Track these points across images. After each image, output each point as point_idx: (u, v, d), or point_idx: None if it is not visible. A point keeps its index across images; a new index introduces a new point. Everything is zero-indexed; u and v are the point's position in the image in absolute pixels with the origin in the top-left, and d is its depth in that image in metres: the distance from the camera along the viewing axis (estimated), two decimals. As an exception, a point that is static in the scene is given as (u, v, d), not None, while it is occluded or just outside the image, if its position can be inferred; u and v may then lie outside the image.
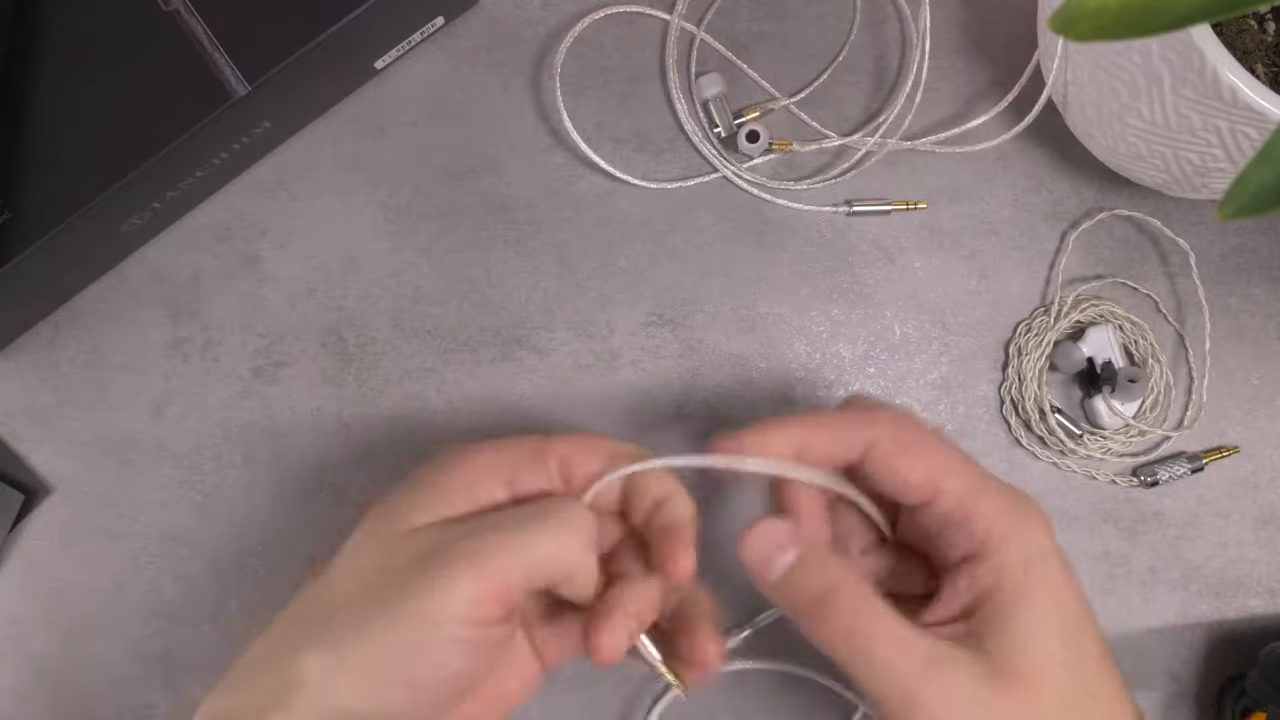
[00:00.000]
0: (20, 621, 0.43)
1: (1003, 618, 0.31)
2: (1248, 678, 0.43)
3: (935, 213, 0.46)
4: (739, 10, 0.47)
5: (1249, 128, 0.35)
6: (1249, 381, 0.46)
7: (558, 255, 0.45)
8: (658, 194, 0.45)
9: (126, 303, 0.44)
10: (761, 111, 0.46)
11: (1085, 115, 0.42)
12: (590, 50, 0.46)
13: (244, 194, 0.45)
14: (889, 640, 0.31)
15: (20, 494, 0.43)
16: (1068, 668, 0.31)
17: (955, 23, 0.47)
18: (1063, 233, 0.46)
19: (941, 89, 0.47)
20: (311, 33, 0.38)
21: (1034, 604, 0.31)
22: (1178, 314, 0.47)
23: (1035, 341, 0.45)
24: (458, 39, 0.46)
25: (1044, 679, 0.31)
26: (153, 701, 0.43)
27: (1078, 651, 0.31)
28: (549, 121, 0.46)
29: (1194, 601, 0.45)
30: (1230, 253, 0.47)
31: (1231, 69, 0.34)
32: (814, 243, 0.46)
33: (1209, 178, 0.39)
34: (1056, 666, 0.31)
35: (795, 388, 0.45)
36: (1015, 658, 0.31)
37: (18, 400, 0.44)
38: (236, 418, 0.44)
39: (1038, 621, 0.31)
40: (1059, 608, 0.32)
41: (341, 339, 0.44)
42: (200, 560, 0.43)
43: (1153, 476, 0.45)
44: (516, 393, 0.45)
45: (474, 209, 0.45)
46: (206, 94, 0.37)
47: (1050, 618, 0.31)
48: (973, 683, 0.30)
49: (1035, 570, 0.31)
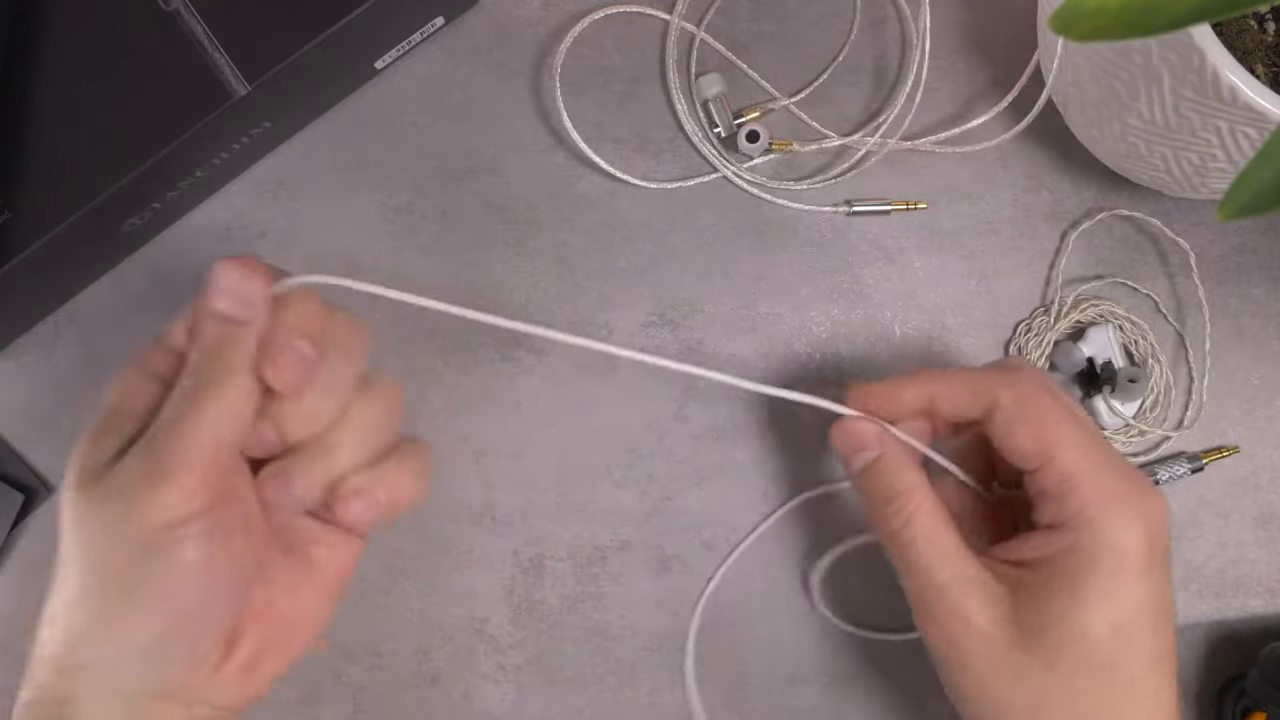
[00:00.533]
0: (20, 621, 0.43)
1: (1049, 590, 0.32)
2: (1248, 678, 0.43)
3: (935, 213, 0.46)
4: (739, 10, 0.47)
5: (1249, 128, 0.35)
6: (1249, 381, 0.46)
7: (558, 255, 0.45)
8: (658, 194, 0.45)
9: (126, 303, 0.44)
10: (761, 111, 0.46)
11: (1085, 115, 0.42)
12: (590, 50, 0.46)
13: (244, 194, 0.45)
14: (935, 552, 0.33)
15: (20, 494, 0.43)
16: (1097, 657, 0.32)
17: (955, 23, 0.47)
18: (1063, 233, 0.46)
19: (941, 89, 0.47)
20: (311, 33, 0.38)
21: (1085, 590, 0.32)
22: (1178, 314, 0.47)
23: (1035, 341, 0.45)
24: (458, 39, 0.46)
25: (1064, 656, 0.32)
26: (153, 701, 0.43)
27: (1122, 646, 0.32)
28: (549, 121, 0.46)
29: (1194, 601, 0.45)
30: (1230, 253, 0.47)
31: (1231, 69, 0.34)
32: (814, 243, 0.46)
33: (1209, 178, 0.39)
34: (1085, 650, 0.32)
35: (795, 388, 0.45)
36: (1043, 626, 0.32)
37: (18, 400, 0.44)
38: (236, 418, 0.44)
39: (1080, 607, 0.32)
40: (1112, 602, 0.32)
41: (341, 339, 0.44)
42: (200, 560, 0.43)
43: (1153, 476, 0.45)
44: (516, 393, 0.45)
45: (474, 209, 0.45)
46: (206, 94, 0.37)
47: (1098, 608, 0.32)
48: (993, 623, 0.32)
49: (1105, 561, 0.32)
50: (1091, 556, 0.32)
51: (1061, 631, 0.32)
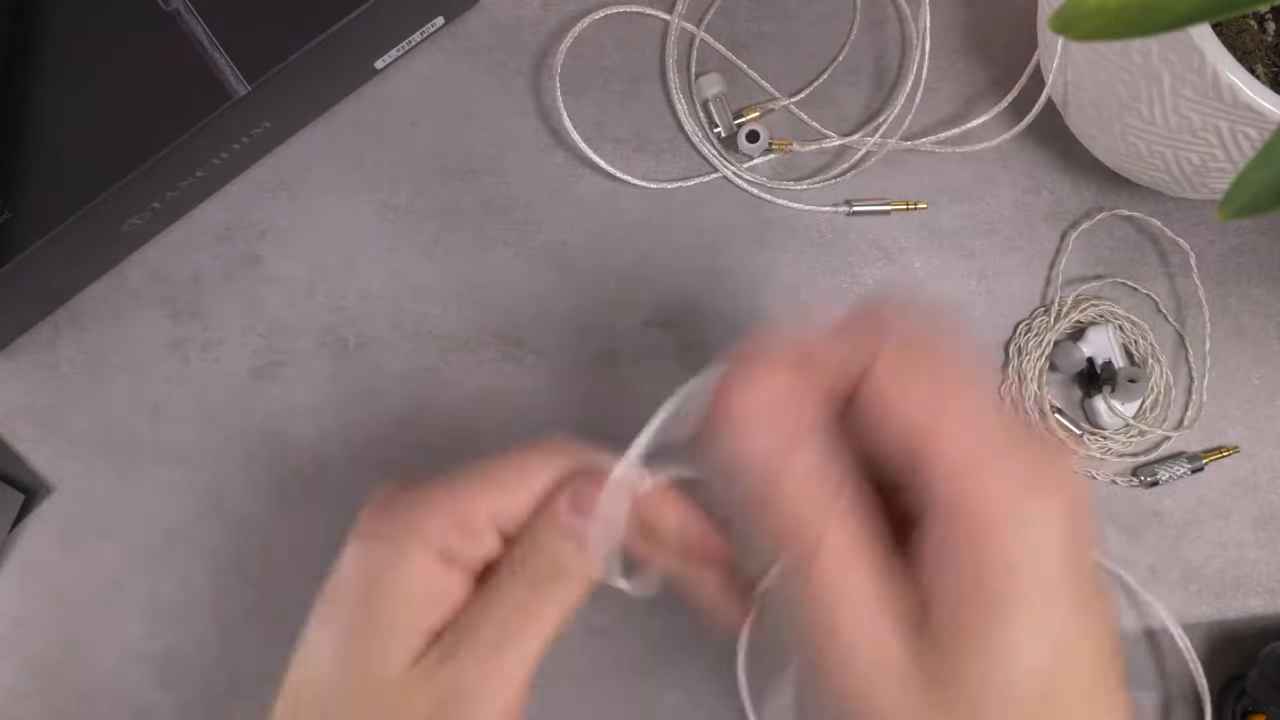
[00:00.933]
0: (20, 621, 0.43)
1: (957, 625, 0.25)
2: (1248, 678, 0.43)
3: (935, 213, 0.46)
4: (739, 10, 0.47)
5: (1249, 128, 0.35)
6: (1249, 381, 0.46)
7: (558, 255, 0.45)
8: (658, 194, 0.45)
9: (126, 303, 0.44)
10: (761, 111, 0.46)
11: (1085, 115, 0.42)
12: (590, 50, 0.46)
13: (244, 194, 0.45)
14: (844, 605, 0.26)
15: (20, 494, 0.43)
16: (1022, 701, 0.25)
17: (955, 23, 0.47)
18: (1063, 233, 0.46)
19: (941, 89, 0.47)
20: (311, 33, 0.38)
21: (997, 625, 0.25)
22: (1178, 314, 0.47)
23: (1035, 341, 0.45)
24: (458, 39, 0.46)
25: (985, 706, 0.25)
26: (153, 701, 0.43)
27: (1051, 683, 0.25)
28: (549, 121, 0.46)
29: (1194, 601, 0.45)
30: (1230, 253, 0.47)
31: (1231, 69, 0.34)
32: (814, 243, 0.46)
33: (1209, 178, 0.39)
34: (1007, 694, 0.25)
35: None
36: (956, 672, 0.25)
37: (18, 400, 0.44)
38: (236, 418, 0.44)
39: (993, 646, 0.25)
40: (1031, 635, 0.25)
41: (341, 339, 0.44)
42: (200, 560, 0.43)
43: (1153, 476, 0.45)
44: (516, 393, 0.45)
45: (474, 209, 0.45)
46: (206, 94, 0.37)
47: (1016, 644, 0.25)
48: (903, 677, 0.25)
49: (1015, 584, 0.25)
50: (999, 581, 0.25)
51: (977, 677, 0.25)
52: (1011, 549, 0.25)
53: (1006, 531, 0.25)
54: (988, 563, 0.25)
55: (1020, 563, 0.25)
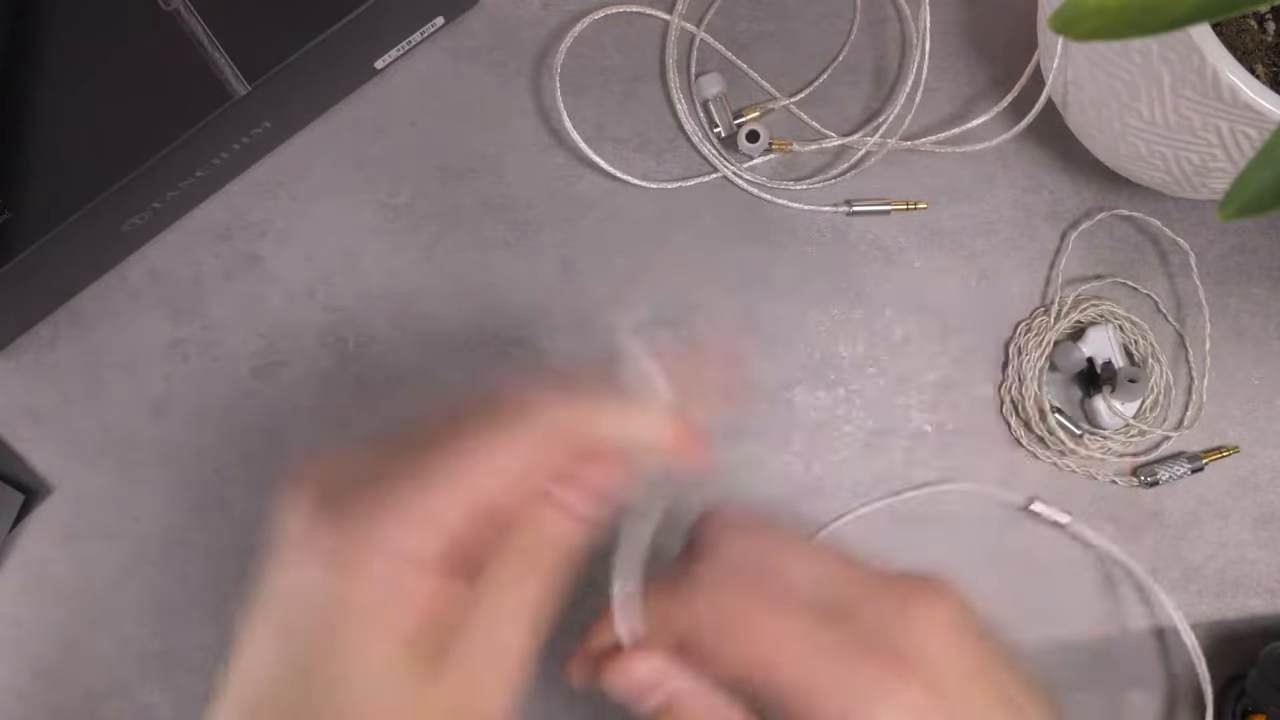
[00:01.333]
0: (20, 621, 0.43)
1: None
2: (1248, 678, 0.43)
3: (935, 213, 0.46)
4: (739, 10, 0.47)
5: (1249, 128, 0.35)
6: (1249, 381, 0.46)
7: (558, 255, 0.45)
8: (658, 194, 0.45)
9: (126, 303, 0.44)
10: (761, 111, 0.46)
11: (1085, 115, 0.42)
12: (590, 50, 0.46)
13: (244, 194, 0.45)
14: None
15: (20, 494, 0.43)
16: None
17: (955, 23, 0.47)
18: (1063, 233, 0.46)
19: (941, 89, 0.47)
20: (311, 33, 0.38)
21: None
22: (1178, 314, 0.47)
23: (1035, 341, 0.45)
24: (458, 39, 0.46)
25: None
26: (153, 701, 0.43)
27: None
28: (549, 121, 0.46)
29: (1194, 601, 0.45)
30: (1230, 253, 0.47)
31: (1231, 69, 0.34)
32: (814, 243, 0.46)
33: (1209, 178, 0.39)
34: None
35: (795, 388, 0.45)
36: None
37: (18, 400, 0.44)
38: (236, 418, 0.44)
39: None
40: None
41: (341, 339, 0.44)
42: (200, 560, 0.43)
43: (1153, 476, 0.45)
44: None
45: (474, 209, 0.45)
46: (206, 94, 0.37)
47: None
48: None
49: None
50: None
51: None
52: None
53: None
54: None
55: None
